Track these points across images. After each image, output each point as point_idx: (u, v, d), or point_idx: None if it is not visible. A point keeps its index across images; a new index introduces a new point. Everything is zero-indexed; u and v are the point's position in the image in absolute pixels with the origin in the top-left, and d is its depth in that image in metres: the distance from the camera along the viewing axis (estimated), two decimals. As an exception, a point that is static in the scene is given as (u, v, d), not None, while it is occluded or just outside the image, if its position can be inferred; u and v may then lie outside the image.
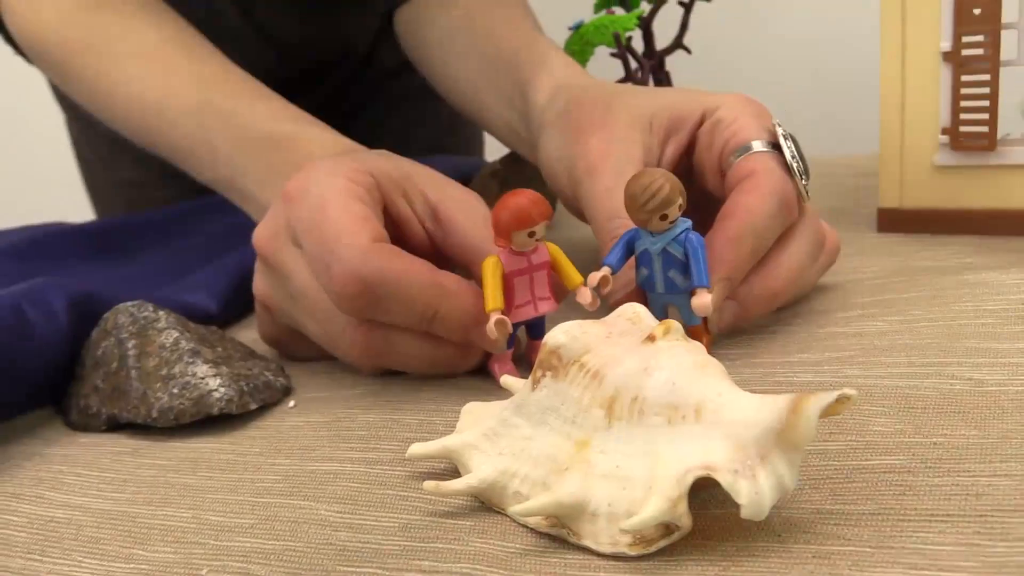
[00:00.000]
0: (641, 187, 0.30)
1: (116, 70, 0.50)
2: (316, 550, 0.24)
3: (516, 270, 0.32)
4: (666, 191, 0.30)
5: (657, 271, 0.32)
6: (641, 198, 0.30)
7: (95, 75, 0.51)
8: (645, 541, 0.22)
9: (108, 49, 0.51)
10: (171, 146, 0.49)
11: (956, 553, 0.21)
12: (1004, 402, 0.27)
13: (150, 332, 0.35)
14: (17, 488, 0.30)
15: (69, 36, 0.53)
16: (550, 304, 0.33)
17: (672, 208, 0.30)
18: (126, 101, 0.50)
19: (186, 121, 0.47)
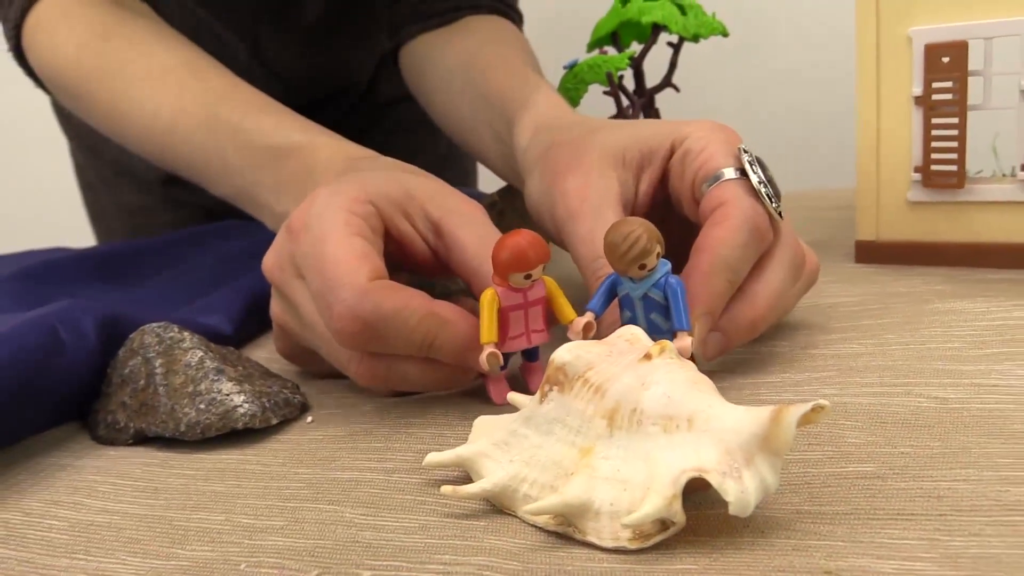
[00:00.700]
0: (620, 237, 0.31)
1: (130, 92, 0.53)
2: (344, 547, 0.27)
3: (511, 305, 0.34)
4: (643, 243, 0.31)
5: (639, 314, 0.33)
6: (619, 249, 0.31)
7: (110, 98, 0.55)
8: (643, 536, 0.25)
9: (122, 73, 0.54)
10: (185, 161, 0.52)
11: (918, 546, 0.24)
12: (966, 418, 0.30)
13: (176, 351, 0.37)
14: (54, 496, 0.33)
15: (85, 63, 0.56)
16: (543, 336, 0.36)
17: (650, 258, 0.32)
18: (140, 120, 0.53)
19: (198, 136, 0.50)
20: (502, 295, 0.34)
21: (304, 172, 0.45)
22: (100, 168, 0.91)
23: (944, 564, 0.23)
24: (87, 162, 0.92)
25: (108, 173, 0.90)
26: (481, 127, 0.55)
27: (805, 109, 1.17)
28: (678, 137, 0.39)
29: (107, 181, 0.90)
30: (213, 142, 0.50)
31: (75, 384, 0.38)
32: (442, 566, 0.25)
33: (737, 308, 0.36)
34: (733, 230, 0.35)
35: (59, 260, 0.62)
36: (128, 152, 0.87)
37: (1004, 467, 0.27)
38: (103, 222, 0.93)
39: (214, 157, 0.50)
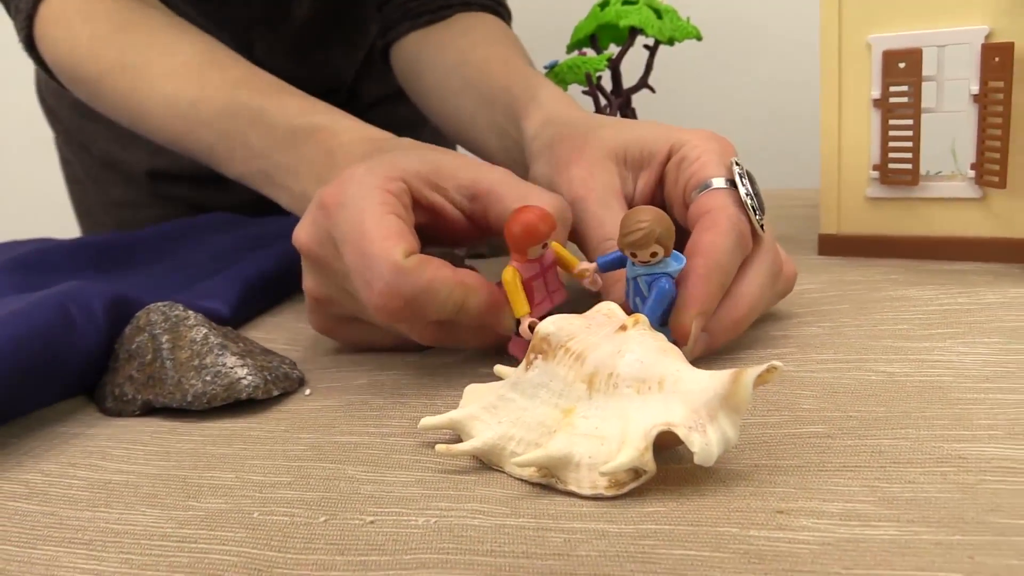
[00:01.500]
0: (632, 219, 0.34)
1: (150, 83, 0.56)
2: (348, 498, 0.30)
3: (532, 275, 0.38)
4: (643, 233, 0.34)
5: (629, 294, 0.37)
6: (624, 227, 0.35)
7: (130, 89, 0.57)
8: (618, 484, 0.28)
9: (142, 65, 0.56)
10: (205, 145, 0.54)
11: (860, 492, 0.27)
12: (909, 388, 0.34)
13: (181, 328, 0.40)
14: (71, 459, 0.35)
15: (102, 56, 0.58)
16: (561, 294, 0.39)
17: (642, 252, 0.35)
18: (161, 108, 0.55)
19: (219, 122, 0.53)
20: (521, 269, 0.37)
21: (325, 154, 0.47)
22: (86, 162, 0.92)
23: (881, 505, 0.26)
24: (73, 156, 0.94)
25: (95, 167, 0.92)
26: (482, 122, 0.58)
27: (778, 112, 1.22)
28: (676, 143, 0.42)
29: (93, 175, 0.92)
30: (234, 126, 0.52)
31: (84, 359, 0.41)
32: (438, 512, 0.28)
33: (721, 310, 0.38)
34: (722, 235, 0.37)
35: (53, 249, 0.64)
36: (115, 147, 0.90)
37: (939, 428, 0.31)
38: (89, 216, 0.95)
39: (236, 141, 0.52)
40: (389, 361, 0.43)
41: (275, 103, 0.52)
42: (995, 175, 0.49)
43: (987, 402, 0.32)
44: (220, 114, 0.53)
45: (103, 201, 0.91)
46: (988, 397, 0.33)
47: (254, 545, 0.27)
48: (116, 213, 0.90)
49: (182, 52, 0.57)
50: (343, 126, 0.49)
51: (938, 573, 0.23)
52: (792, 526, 0.25)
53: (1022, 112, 0.48)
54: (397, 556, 0.26)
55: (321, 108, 0.52)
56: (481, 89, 0.60)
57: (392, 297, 0.36)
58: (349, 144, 0.48)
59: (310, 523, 0.28)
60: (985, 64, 0.49)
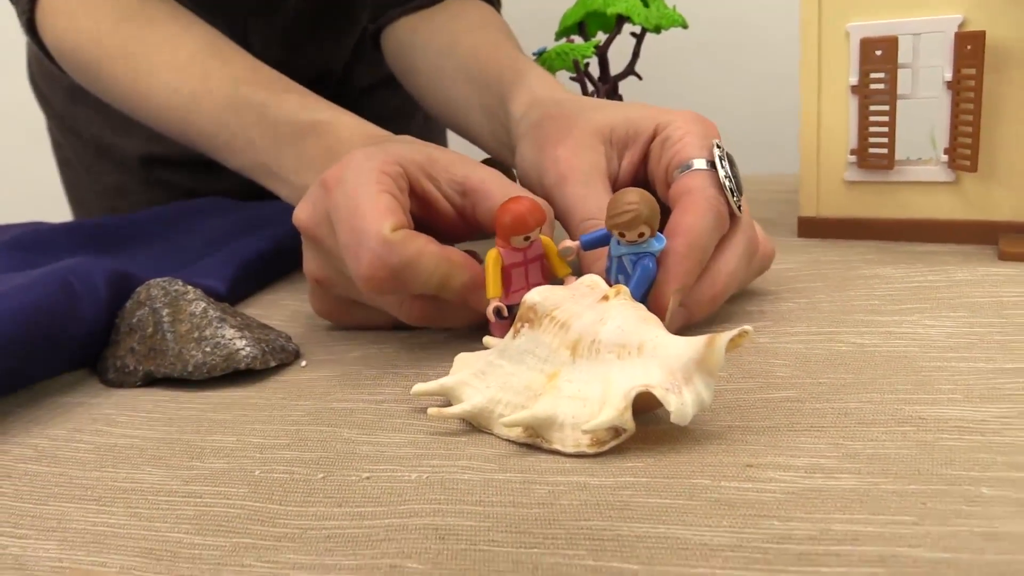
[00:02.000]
0: (622, 202, 0.36)
1: (153, 73, 0.57)
2: (344, 457, 0.32)
3: (513, 263, 0.39)
4: (631, 215, 0.36)
5: (612, 271, 0.39)
6: (614, 210, 0.36)
7: (133, 78, 0.58)
8: (599, 442, 0.30)
9: (144, 54, 0.58)
10: (207, 137, 0.56)
11: (825, 449, 0.29)
12: (877, 358, 0.36)
13: (181, 303, 0.42)
14: (76, 425, 0.37)
15: (106, 43, 0.59)
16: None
17: (631, 233, 0.36)
18: (163, 99, 0.57)
19: (221, 114, 0.54)
20: (505, 255, 0.39)
21: (325, 149, 0.49)
22: (78, 147, 0.94)
23: (843, 460, 0.28)
24: (65, 141, 0.95)
25: (87, 152, 0.93)
26: (471, 105, 0.60)
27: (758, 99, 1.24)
28: (661, 123, 0.44)
29: (85, 160, 0.93)
30: (237, 120, 0.53)
31: (86, 332, 0.42)
32: (430, 468, 0.30)
33: (698, 287, 0.40)
34: (701, 215, 0.39)
35: (48, 230, 0.66)
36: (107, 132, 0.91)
37: (903, 392, 0.33)
38: (81, 200, 0.96)
39: (238, 134, 0.54)
40: (382, 336, 0.45)
41: (277, 99, 0.54)
42: (967, 159, 0.51)
43: (948, 370, 0.34)
44: (222, 107, 0.55)
45: (95, 186, 0.93)
46: (949, 365, 0.35)
47: (256, 499, 0.29)
48: (107, 197, 0.91)
49: (184, 43, 0.59)
50: (343, 123, 0.51)
51: (892, 516, 0.25)
52: (760, 478, 0.28)
53: (993, 98, 0.50)
54: (392, 507, 0.28)
55: (322, 105, 0.53)
56: (470, 73, 0.62)
57: (379, 268, 0.38)
58: (349, 141, 0.49)
59: (309, 479, 0.30)
60: (958, 52, 0.51)
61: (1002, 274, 0.45)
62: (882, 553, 0.23)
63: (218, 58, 0.58)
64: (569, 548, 0.25)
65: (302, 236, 0.44)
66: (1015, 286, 0.43)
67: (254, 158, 0.54)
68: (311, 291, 0.46)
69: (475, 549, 0.25)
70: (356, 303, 0.45)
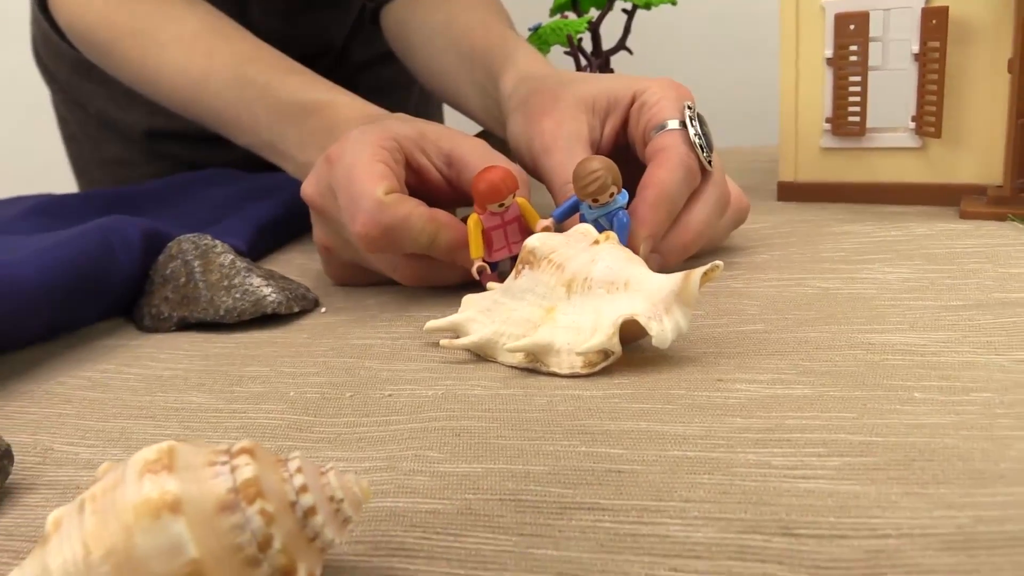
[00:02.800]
0: (585, 171, 0.41)
1: (161, 51, 0.62)
2: (368, 381, 0.37)
3: (492, 226, 0.44)
4: (600, 182, 0.41)
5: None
6: (581, 181, 0.41)
7: (142, 56, 0.63)
8: (591, 364, 0.36)
9: (153, 33, 0.63)
10: (214, 115, 0.61)
11: (786, 368, 0.34)
12: (839, 298, 0.42)
13: (211, 255, 0.47)
14: (123, 362, 0.42)
15: (116, 21, 0.64)
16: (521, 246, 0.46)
17: (603, 195, 0.41)
18: (172, 77, 0.62)
19: (228, 93, 0.59)
20: (484, 219, 0.44)
21: (326, 127, 0.54)
22: (84, 121, 0.98)
23: (800, 375, 0.34)
24: (70, 114, 0.99)
25: (91, 126, 0.98)
26: (463, 81, 0.65)
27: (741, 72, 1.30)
28: (638, 90, 0.49)
29: (90, 134, 0.98)
30: (242, 99, 0.58)
31: (122, 283, 0.47)
32: (444, 387, 0.35)
33: (671, 235, 0.45)
34: (672, 170, 0.44)
35: (69, 197, 0.70)
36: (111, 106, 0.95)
37: (858, 324, 0.38)
38: (86, 173, 1.01)
39: (243, 113, 0.58)
40: (395, 286, 0.50)
41: (280, 79, 0.59)
42: (932, 126, 0.56)
43: (900, 307, 0.40)
44: (229, 86, 0.60)
45: (99, 158, 0.97)
46: (901, 303, 0.40)
47: (293, 413, 0.35)
48: (112, 170, 0.96)
49: (189, 23, 0.63)
50: (342, 102, 0.56)
51: (837, 413, 0.30)
52: (728, 389, 0.33)
53: (956, 69, 0.55)
54: (413, 415, 0.33)
55: (322, 86, 0.58)
56: (462, 50, 0.67)
57: (373, 226, 0.43)
58: (348, 119, 0.54)
59: (338, 398, 0.36)
60: (924, 26, 0.56)
61: (958, 229, 0.51)
62: (825, 439, 0.28)
63: (222, 37, 0.62)
64: (565, 440, 0.30)
65: (310, 208, 0.49)
66: (968, 239, 0.49)
67: (260, 136, 0.59)
68: (322, 259, 0.51)
69: (486, 442, 0.30)
70: (360, 267, 0.50)
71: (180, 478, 0.21)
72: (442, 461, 0.29)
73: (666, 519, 0.25)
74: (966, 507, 0.24)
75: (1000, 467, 0.26)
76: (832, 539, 0.23)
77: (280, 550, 0.21)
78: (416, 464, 0.29)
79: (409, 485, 0.28)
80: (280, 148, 0.57)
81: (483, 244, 0.44)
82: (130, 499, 0.21)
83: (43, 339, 0.46)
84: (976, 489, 0.25)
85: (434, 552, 0.24)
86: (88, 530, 0.21)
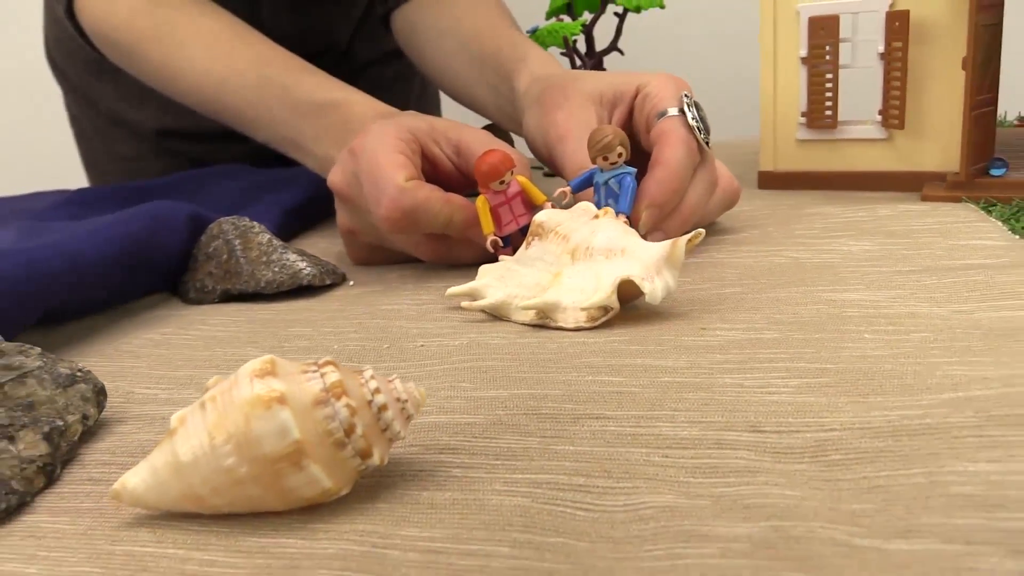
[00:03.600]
0: (598, 133, 0.48)
1: (183, 53, 0.69)
2: (401, 335, 0.44)
3: (498, 203, 0.51)
4: (607, 140, 0.48)
5: (601, 197, 0.51)
6: (592, 140, 0.48)
7: (163, 58, 0.70)
8: (593, 319, 0.42)
9: (174, 36, 0.69)
10: (234, 113, 0.67)
11: (759, 319, 0.41)
12: (808, 266, 0.49)
13: (249, 235, 0.53)
14: (178, 327, 0.49)
15: (139, 26, 0.71)
16: (527, 218, 0.53)
17: (612, 153, 0.48)
18: (193, 78, 0.68)
19: (248, 93, 0.66)
20: (490, 198, 0.51)
21: (342, 124, 0.61)
22: (94, 119, 1.04)
23: (771, 323, 0.41)
24: (81, 113, 1.05)
25: (102, 124, 1.04)
26: (475, 82, 0.72)
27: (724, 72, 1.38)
28: (641, 84, 0.56)
29: (101, 131, 1.04)
30: (262, 98, 0.65)
31: (168, 260, 0.54)
32: (468, 338, 0.42)
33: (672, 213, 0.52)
34: (675, 149, 0.51)
35: (98, 190, 0.77)
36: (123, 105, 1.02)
37: (822, 286, 0.45)
38: (97, 169, 1.07)
39: (262, 111, 0.65)
40: (413, 263, 0.57)
41: (297, 80, 0.66)
42: (896, 119, 0.64)
43: (859, 272, 0.47)
44: (249, 86, 0.67)
45: (110, 155, 1.03)
46: (861, 270, 0.47)
47: (338, 360, 0.41)
48: (122, 166, 1.02)
49: (209, 27, 0.70)
50: (355, 101, 0.63)
51: (798, 350, 0.37)
52: (709, 335, 0.40)
53: (916, 67, 0.63)
54: (443, 359, 0.40)
55: (336, 85, 0.65)
56: (472, 51, 0.74)
57: (394, 210, 0.50)
58: (362, 116, 0.61)
59: (377, 348, 0.42)
60: (889, 28, 0.63)
61: (918, 211, 0.58)
62: (788, 366, 0.35)
63: (240, 40, 0.69)
64: (575, 372, 0.37)
65: (335, 196, 0.55)
66: (926, 218, 0.56)
67: (280, 132, 0.66)
68: (344, 241, 0.58)
69: (508, 376, 0.37)
70: (381, 247, 0.57)
71: (283, 380, 0.28)
72: (473, 389, 0.36)
73: (659, 423, 0.32)
74: (896, 408, 0.31)
75: (927, 383, 0.33)
76: (790, 433, 0.30)
77: (361, 436, 0.28)
78: (451, 392, 0.36)
79: (447, 406, 0.35)
80: (297, 143, 0.64)
81: (493, 220, 0.50)
82: (245, 396, 0.27)
83: (99, 309, 0.53)
84: (906, 397, 0.32)
85: (474, 450, 0.31)
86: (211, 421, 0.28)
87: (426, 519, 0.27)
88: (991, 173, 0.60)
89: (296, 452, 0.27)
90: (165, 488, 0.28)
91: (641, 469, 0.29)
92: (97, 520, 0.30)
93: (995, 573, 0.23)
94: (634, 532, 0.26)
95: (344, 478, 0.28)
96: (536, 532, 0.26)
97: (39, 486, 0.32)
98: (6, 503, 0.31)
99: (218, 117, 0.70)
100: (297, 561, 0.26)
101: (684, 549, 0.24)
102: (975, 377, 0.33)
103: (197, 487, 0.28)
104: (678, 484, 0.28)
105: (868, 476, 0.27)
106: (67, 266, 0.47)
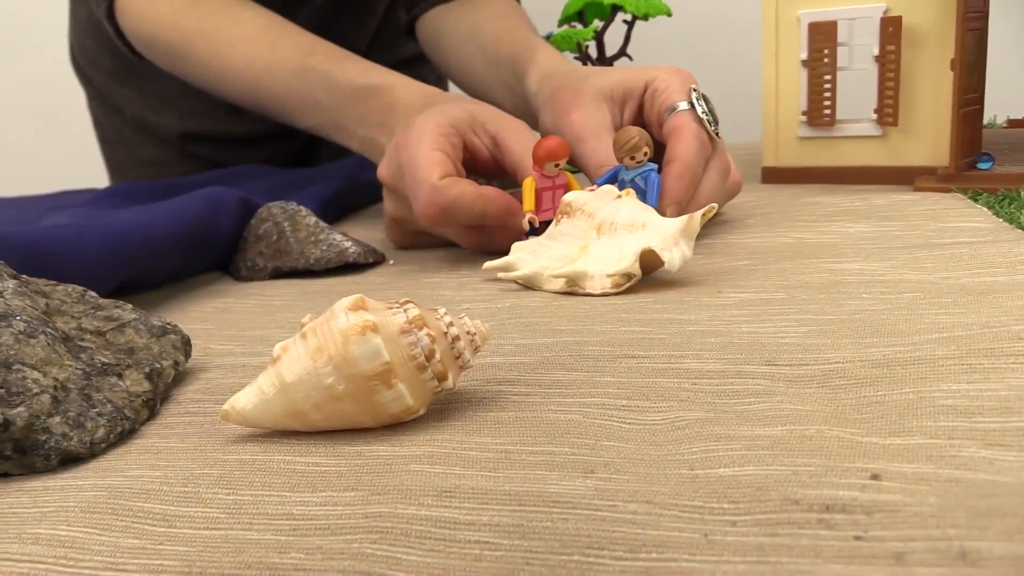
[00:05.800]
0: (624, 136, 0.54)
1: (228, 48, 0.74)
2: (448, 301, 0.49)
3: (544, 187, 0.56)
4: (634, 142, 0.53)
5: None
6: (619, 142, 0.54)
7: (208, 54, 0.75)
8: (618, 285, 0.48)
9: (218, 32, 0.75)
10: (278, 102, 0.73)
11: (769, 284, 0.47)
12: (811, 244, 0.55)
13: (297, 218, 0.59)
14: (237, 298, 0.55)
15: (182, 24, 0.76)
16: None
17: (638, 153, 0.54)
18: (239, 70, 0.74)
19: (292, 82, 0.71)
20: (538, 180, 0.56)
21: (385, 107, 0.66)
22: (118, 124, 1.10)
23: (778, 287, 0.46)
24: (105, 118, 1.11)
25: (126, 128, 1.09)
26: (492, 82, 0.78)
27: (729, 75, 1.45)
28: (650, 79, 0.61)
29: (125, 136, 1.10)
30: (306, 86, 0.71)
31: (222, 241, 0.60)
32: (509, 302, 0.48)
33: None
34: (689, 144, 0.56)
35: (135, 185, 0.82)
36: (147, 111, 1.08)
37: (824, 259, 0.51)
38: (120, 172, 1.12)
39: (307, 98, 0.71)
40: (448, 246, 0.62)
41: (338, 67, 0.71)
42: (890, 117, 0.70)
43: (857, 248, 0.53)
44: (292, 75, 0.72)
45: (133, 159, 1.09)
46: (858, 246, 0.53)
47: (392, 322, 0.47)
48: (145, 170, 1.08)
49: (251, 21, 0.76)
50: (398, 83, 0.68)
51: (804, 306, 0.43)
52: (726, 296, 0.46)
53: (908, 69, 0.69)
54: (490, 319, 0.46)
55: (379, 70, 0.70)
56: (489, 55, 0.80)
57: (430, 207, 0.55)
58: (405, 98, 0.67)
59: (426, 311, 0.48)
60: (883, 33, 0.69)
61: (910, 200, 0.64)
62: (797, 318, 0.41)
63: (281, 33, 0.75)
64: (608, 324, 0.43)
65: (383, 187, 0.61)
66: (917, 206, 0.62)
67: (323, 116, 0.71)
68: (389, 227, 0.63)
69: (550, 328, 0.43)
70: (424, 233, 0.62)
71: (373, 313, 0.33)
72: (520, 339, 0.42)
73: (687, 360, 0.37)
74: (891, 346, 0.37)
75: (917, 327, 0.38)
76: (800, 366, 0.36)
77: (439, 361, 0.33)
78: (502, 341, 0.42)
79: (500, 351, 0.40)
80: (343, 126, 0.69)
81: (535, 201, 0.56)
82: (342, 325, 0.33)
83: (164, 284, 0.58)
84: (898, 338, 0.37)
85: (528, 382, 0.37)
86: (312, 347, 0.33)
87: (495, 430, 0.33)
88: (978, 167, 0.67)
89: (387, 371, 0.32)
90: (270, 406, 0.33)
91: (675, 393, 0.34)
92: (203, 440, 0.35)
93: (973, 460, 0.28)
94: (673, 437, 0.31)
95: (423, 398, 0.33)
96: (590, 438, 0.32)
97: (144, 417, 0.38)
98: (121, 427, 0.36)
99: (262, 108, 0.75)
100: (390, 461, 0.31)
101: (715, 446, 0.30)
102: (958, 323, 0.38)
103: (300, 403, 0.33)
104: (707, 404, 0.33)
105: (867, 395, 0.33)
106: (142, 239, 0.52)
